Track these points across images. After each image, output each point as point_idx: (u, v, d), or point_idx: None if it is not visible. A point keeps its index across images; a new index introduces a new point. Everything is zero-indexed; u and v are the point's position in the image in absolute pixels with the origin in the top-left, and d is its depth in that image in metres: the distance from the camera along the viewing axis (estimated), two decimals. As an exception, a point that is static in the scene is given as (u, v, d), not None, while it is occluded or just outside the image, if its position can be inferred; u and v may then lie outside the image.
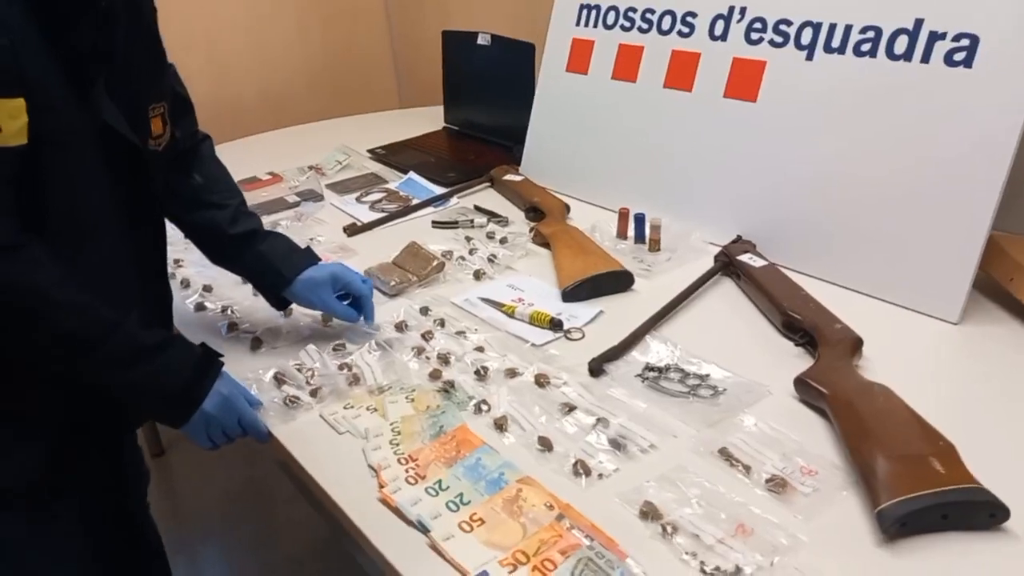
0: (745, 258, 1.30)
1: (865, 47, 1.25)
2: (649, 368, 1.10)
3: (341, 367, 1.15)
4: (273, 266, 1.18)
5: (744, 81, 1.41)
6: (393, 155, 2.02)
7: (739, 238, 1.39)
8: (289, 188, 1.86)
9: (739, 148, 1.42)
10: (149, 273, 1.07)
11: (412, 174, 1.87)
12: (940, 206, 1.16)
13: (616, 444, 0.96)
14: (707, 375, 1.07)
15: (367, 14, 2.70)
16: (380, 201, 1.75)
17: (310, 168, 1.96)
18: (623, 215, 1.48)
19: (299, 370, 1.15)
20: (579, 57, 1.70)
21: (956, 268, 1.15)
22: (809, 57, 1.32)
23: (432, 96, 2.46)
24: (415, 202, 1.73)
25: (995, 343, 1.12)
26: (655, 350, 1.14)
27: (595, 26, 1.67)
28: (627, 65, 1.60)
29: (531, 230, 1.52)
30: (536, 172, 1.75)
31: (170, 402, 0.97)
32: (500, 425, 1.01)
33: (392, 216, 1.67)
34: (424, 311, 1.28)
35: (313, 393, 1.09)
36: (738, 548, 0.80)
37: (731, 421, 0.99)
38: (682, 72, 1.51)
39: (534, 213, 1.60)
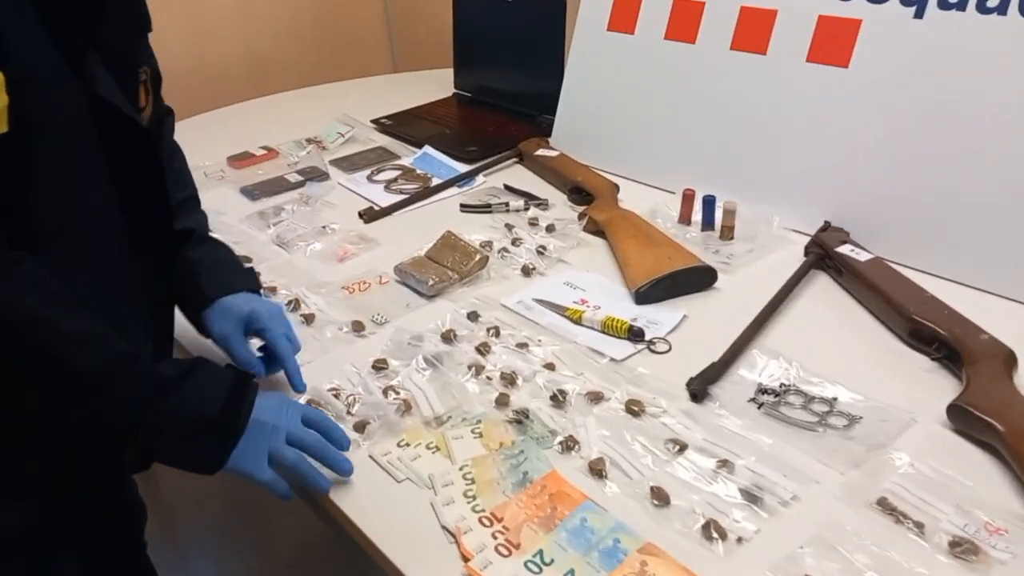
0: (846, 250, 1.12)
1: (992, 2, 1.06)
2: (763, 391, 0.92)
3: (386, 391, 0.95)
4: (197, 278, 0.94)
5: (832, 43, 1.21)
6: (401, 126, 1.80)
7: (827, 225, 1.20)
8: (288, 165, 1.63)
9: (826, 121, 1.23)
10: (156, 296, 0.85)
11: (428, 148, 1.65)
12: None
13: (751, 496, 0.78)
14: (834, 399, 0.90)
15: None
16: (395, 181, 1.54)
17: (309, 141, 1.73)
18: (688, 197, 1.29)
19: (336, 396, 0.95)
20: (623, 14, 1.49)
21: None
22: (919, 15, 1.13)
23: (432, 58, 2.23)
24: (436, 182, 1.52)
25: None
26: (763, 367, 0.96)
27: (642, -22, 1.46)
28: (684, 24, 1.40)
29: (581, 216, 1.32)
30: (572, 146, 1.54)
31: (208, 429, 0.76)
32: (597, 470, 0.82)
33: (413, 198, 1.46)
34: (473, 317, 1.09)
35: (359, 427, 0.89)
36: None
37: (880, 460, 0.81)
38: (754, 32, 1.31)
39: (578, 195, 1.40)
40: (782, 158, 1.28)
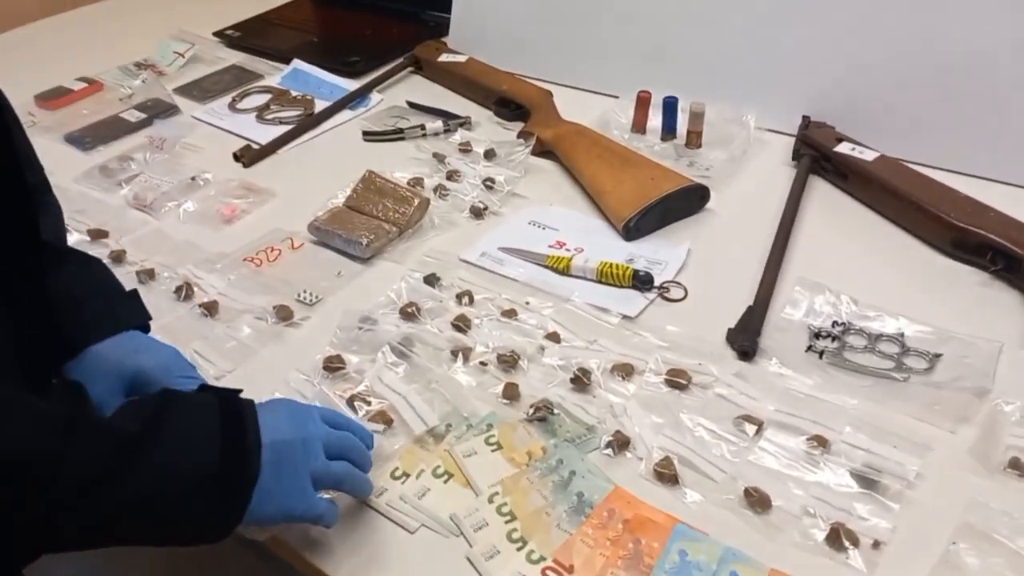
0: (845, 149, 0.97)
1: None
2: (819, 334, 0.76)
3: (352, 402, 0.71)
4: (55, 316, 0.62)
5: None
6: (254, 37, 1.46)
7: (808, 120, 1.05)
8: (120, 100, 1.27)
9: (796, -2, 1.05)
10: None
11: (297, 63, 1.34)
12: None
13: (867, 481, 0.62)
14: (901, 333, 0.75)
15: None
16: (268, 108, 1.23)
17: (140, 67, 1.37)
18: (643, 101, 1.09)
19: (287, 420, 0.70)
20: None
21: None
22: None
23: None
24: (320, 104, 1.23)
25: None
26: (807, 304, 0.80)
27: None
28: None
29: (521, 136, 1.09)
30: (478, 48, 1.29)
31: (212, 483, 0.50)
32: (669, 476, 0.64)
33: (298, 129, 1.17)
34: (432, 281, 0.85)
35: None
36: None
37: (987, 408, 0.68)
38: None
39: (507, 108, 1.16)
40: (747, 45, 1.10)
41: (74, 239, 0.94)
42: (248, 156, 1.10)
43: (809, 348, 0.75)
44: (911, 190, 0.89)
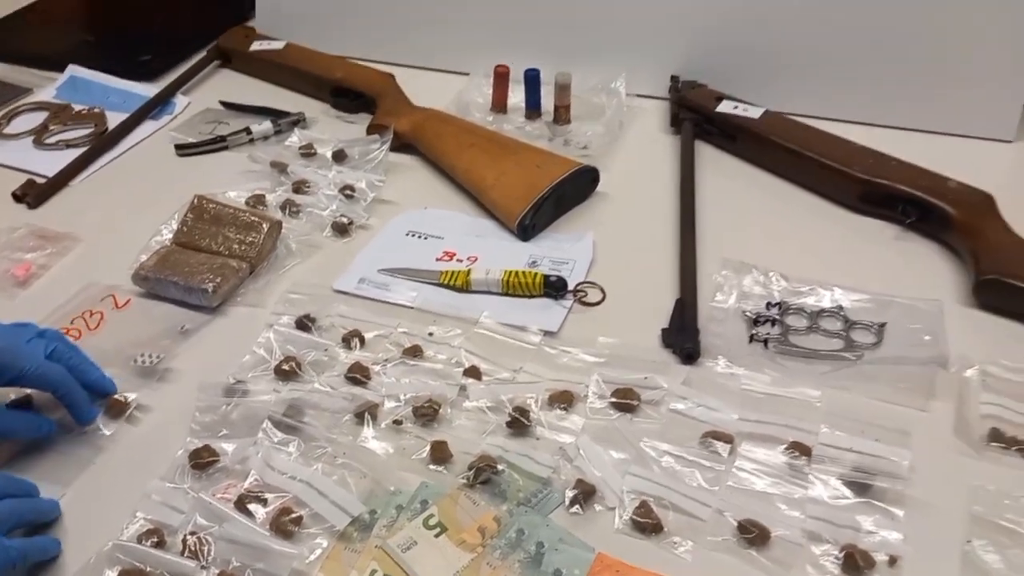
0: (728, 108, 0.90)
1: None
2: (756, 320, 0.69)
3: (242, 504, 0.56)
4: None
5: None
6: (11, 42, 1.20)
7: (677, 80, 0.98)
8: None
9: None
10: None
11: (74, 69, 1.11)
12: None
13: (860, 487, 0.56)
14: (840, 307, 0.70)
15: None
16: (47, 129, 1.00)
17: None
18: (501, 76, 0.97)
19: (158, 545, 0.53)
20: None
21: (1005, 78, 0.88)
22: None
23: None
24: (113, 117, 1.01)
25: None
26: (734, 288, 0.72)
27: None
28: None
29: (371, 129, 0.94)
30: (295, 31, 1.11)
31: None
32: (650, 524, 0.54)
33: (92, 151, 0.95)
34: (306, 324, 0.70)
35: (226, 589, 0.51)
36: None
37: (948, 378, 0.64)
38: None
39: (347, 99, 1.01)
40: (604, 6, 1.00)
41: None
42: (33, 193, 0.88)
43: (752, 338, 0.67)
44: (808, 146, 0.84)
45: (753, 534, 0.53)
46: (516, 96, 0.98)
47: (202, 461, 0.59)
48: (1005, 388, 0.62)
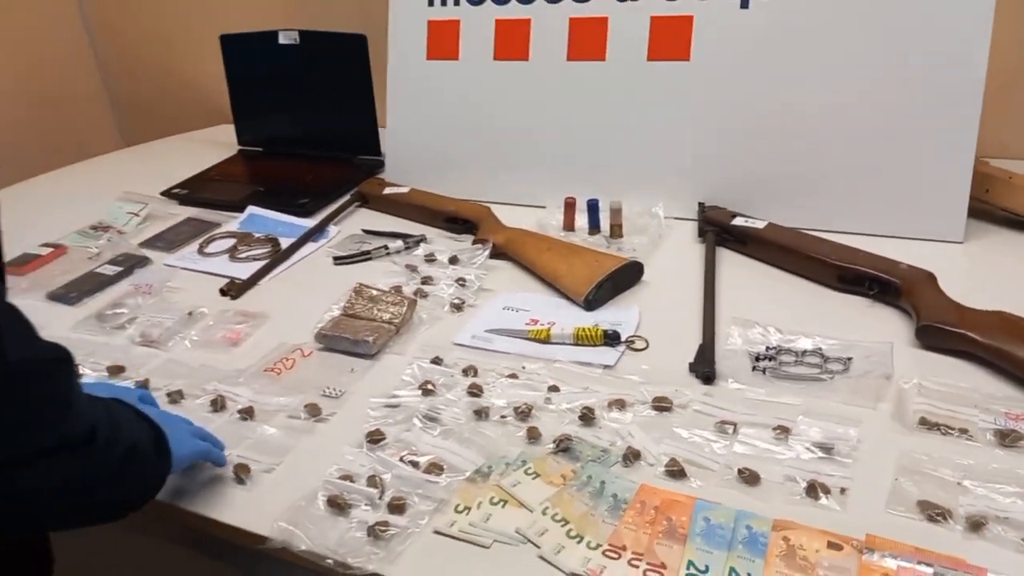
0: (740, 222, 1.22)
1: (807, -16, 1.23)
2: (759, 357, 0.96)
3: (403, 459, 0.84)
4: None
5: (670, 40, 1.32)
6: (202, 192, 1.61)
7: (703, 206, 1.30)
8: (88, 259, 1.37)
9: (678, 111, 1.32)
10: None
11: (253, 209, 1.49)
12: (921, 130, 1.18)
13: (825, 449, 0.81)
14: (819, 348, 0.97)
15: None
16: (237, 248, 1.37)
17: (97, 229, 1.48)
18: (570, 206, 1.31)
19: (350, 480, 0.82)
20: (441, 43, 1.48)
21: (950, 186, 1.18)
22: (744, 5, 1.26)
23: (161, 126, 2.12)
24: (284, 241, 1.38)
25: (999, 254, 1.16)
26: (742, 336, 1.00)
27: (455, 3, 1.46)
28: (512, 43, 1.42)
29: (476, 242, 1.28)
30: (413, 180, 1.49)
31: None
32: (677, 471, 0.80)
33: (273, 263, 1.31)
34: (438, 361, 1.00)
35: (397, 509, 0.78)
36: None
37: (894, 388, 0.90)
38: (589, 42, 1.37)
39: (456, 224, 1.36)
40: (641, 152, 1.35)
41: (94, 376, 1.04)
42: (235, 289, 1.23)
43: (754, 368, 0.95)
44: (799, 245, 1.14)
45: (747, 475, 0.79)
46: (581, 220, 1.32)
47: (375, 438, 0.88)
48: (933, 393, 0.87)
